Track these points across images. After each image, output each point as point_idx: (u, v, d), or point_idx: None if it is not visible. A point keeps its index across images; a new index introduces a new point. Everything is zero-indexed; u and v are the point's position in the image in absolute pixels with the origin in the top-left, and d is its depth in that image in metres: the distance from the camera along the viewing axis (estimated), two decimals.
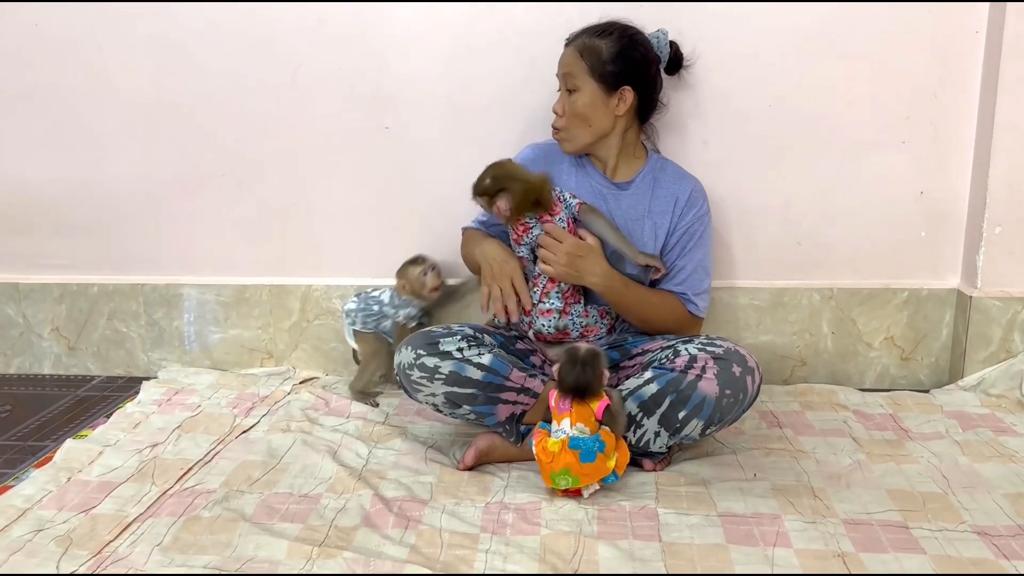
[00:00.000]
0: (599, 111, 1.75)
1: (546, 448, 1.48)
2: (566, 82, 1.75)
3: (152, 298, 2.22)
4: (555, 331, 1.72)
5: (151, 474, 1.62)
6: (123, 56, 2.08)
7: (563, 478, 1.48)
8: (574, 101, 1.74)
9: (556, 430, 1.50)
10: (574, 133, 1.76)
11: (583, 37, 1.76)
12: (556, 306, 1.71)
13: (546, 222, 1.70)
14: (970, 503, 1.48)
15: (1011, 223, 1.93)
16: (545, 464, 1.48)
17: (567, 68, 1.74)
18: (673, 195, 1.78)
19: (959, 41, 1.91)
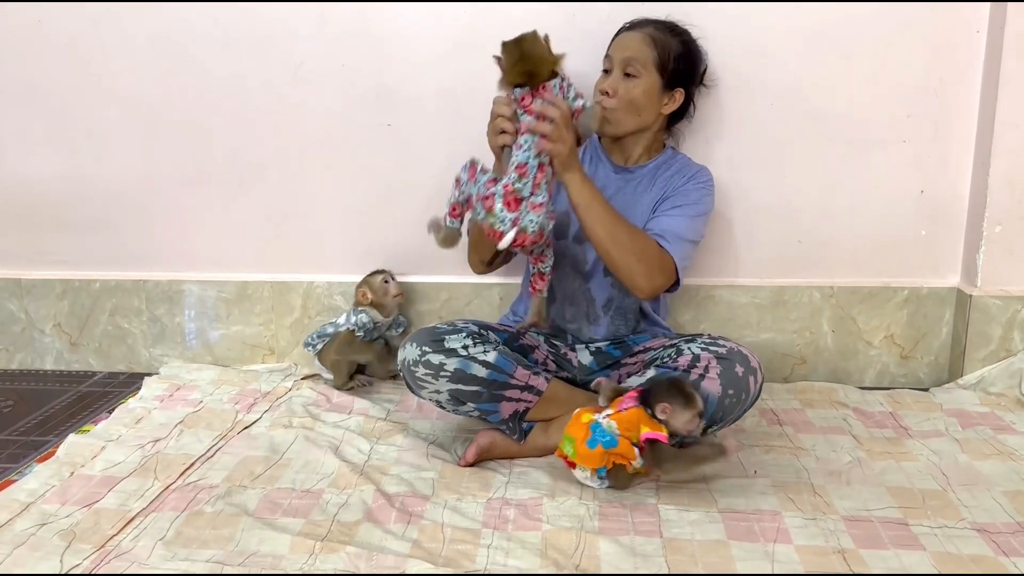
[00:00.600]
0: (652, 104, 1.75)
1: (579, 418, 1.51)
2: (627, 65, 1.70)
3: (154, 294, 2.22)
4: (539, 229, 1.53)
5: (153, 469, 1.63)
6: (125, 54, 2.09)
7: (568, 444, 1.51)
8: (632, 87, 1.71)
9: (602, 414, 1.49)
10: (621, 118, 1.73)
11: (651, 28, 1.74)
12: (546, 200, 1.54)
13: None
14: (970, 500, 1.48)
15: (1011, 222, 1.93)
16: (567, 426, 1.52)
17: (633, 52, 1.71)
18: (682, 172, 1.78)
19: (960, 40, 1.92)
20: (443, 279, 2.13)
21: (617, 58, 1.72)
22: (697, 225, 1.74)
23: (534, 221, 1.52)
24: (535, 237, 1.53)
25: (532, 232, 1.52)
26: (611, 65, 1.73)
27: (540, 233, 1.54)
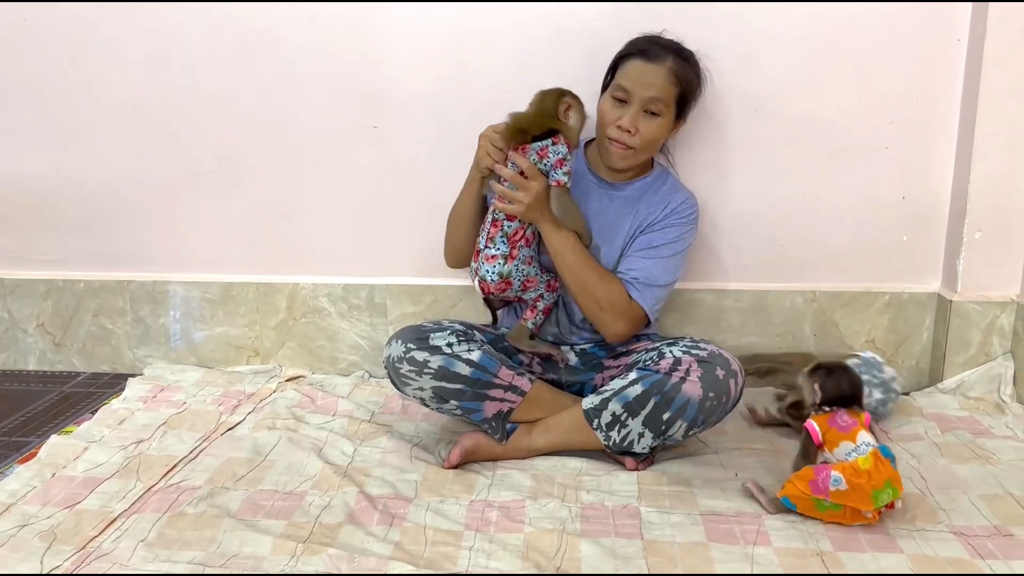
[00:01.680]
0: (664, 137, 1.77)
1: (857, 468, 1.36)
2: (648, 104, 1.68)
3: (139, 295, 2.22)
4: (499, 279, 1.67)
5: (136, 470, 1.63)
6: (112, 53, 2.08)
7: (886, 492, 1.37)
8: (653, 126, 1.69)
9: (857, 447, 1.39)
10: (642, 154, 1.73)
11: (671, 61, 1.69)
12: (502, 251, 1.67)
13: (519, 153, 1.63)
14: (947, 503, 1.50)
15: (991, 228, 1.95)
16: (863, 486, 1.35)
17: (658, 92, 1.67)
18: (665, 200, 1.78)
19: (942, 48, 1.94)
20: (429, 281, 2.14)
21: (638, 95, 1.67)
22: (673, 265, 1.76)
23: (490, 272, 1.67)
24: (497, 287, 1.69)
25: (492, 282, 1.68)
26: (627, 98, 1.68)
27: (505, 283, 1.68)
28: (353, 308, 2.17)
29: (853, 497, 1.37)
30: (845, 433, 1.42)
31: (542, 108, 1.64)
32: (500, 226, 1.67)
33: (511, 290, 1.70)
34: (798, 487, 1.41)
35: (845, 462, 1.39)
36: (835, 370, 1.48)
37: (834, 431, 1.43)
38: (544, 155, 1.62)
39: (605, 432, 1.61)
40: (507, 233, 1.67)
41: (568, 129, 1.65)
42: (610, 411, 1.59)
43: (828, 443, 1.43)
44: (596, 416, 1.62)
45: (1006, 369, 1.98)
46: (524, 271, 1.69)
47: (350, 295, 2.16)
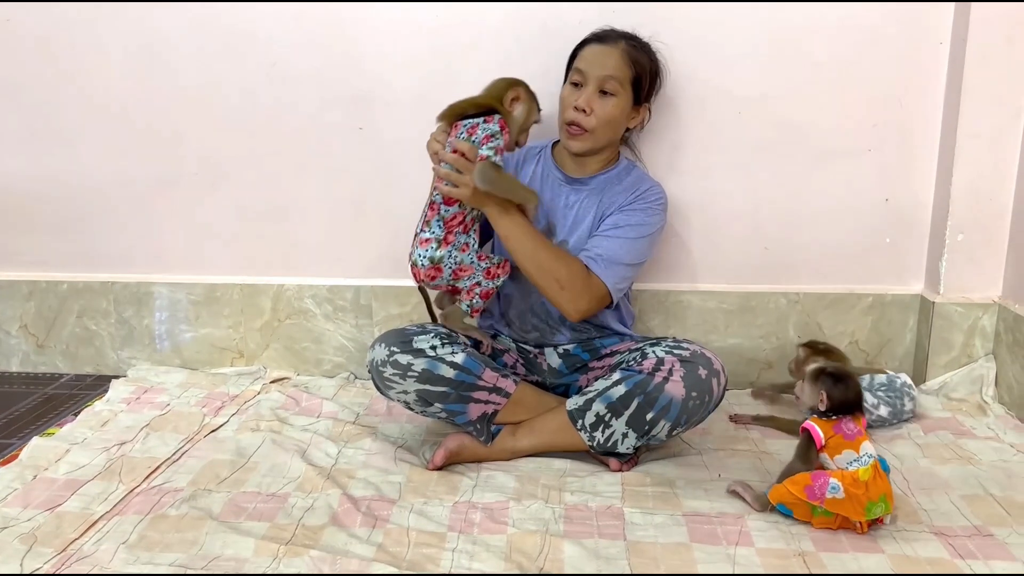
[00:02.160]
0: (623, 121, 1.77)
1: (857, 479, 1.36)
2: (604, 83, 1.70)
3: (122, 296, 2.21)
4: (429, 264, 1.63)
5: (118, 472, 1.62)
6: (97, 52, 2.08)
7: (879, 506, 1.37)
8: (608, 105, 1.71)
9: (859, 458, 1.39)
10: (599, 136, 1.73)
11: (625, 44, 1.73)
12: (436, 234, 1.63)
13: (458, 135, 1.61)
14: (929, 504, 1.51)
15: (973, 230, 1.96)
16: (860, 496, 1.35)
17: (611, 71, 1.70)
18: (631, 188, 1.77)
19: (924, 51, 1.95)
20: (413, 283, 2.13)
21: (593, 75, 1.71)
22: (638, 247, 1.72)
23: (422, 256, 1.63)
24: (427, 273, 1.65)
25: (422, 267, 1.64)
26: (583, 80, 1.72)
27: (434, 268, 1.64)
28: (338, 309, 2.16)
29: (847, 507, 1.37)
30: (850, 441, 1.41)
31: (489, 92, 1.65)
32: (437, 209, 1.63)
33: (441, 278, 1.65)
34: (792, 492, 1.41)
35: (845, 471, 1.39)
36: (842, 378, 1.45)
37: (839, 438, 1.41)
38: (473, 132, 1.59)
39: (589, 433, 1.61)
40: (444, 217, 1.63)
41: (508, 115, 1.64)
42: (594, 411, 1.60)
43: (830, 449, 1.42)
44: (580, 417, 1.62)
45: (988, 370, 1.99)
46: (457, 258, 1.64)
47: (335, 296, 2.16)
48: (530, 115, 1.68)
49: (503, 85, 1.66)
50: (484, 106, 1.62)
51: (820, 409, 1.45)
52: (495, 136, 1.60)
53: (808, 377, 1.49)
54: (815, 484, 1.39)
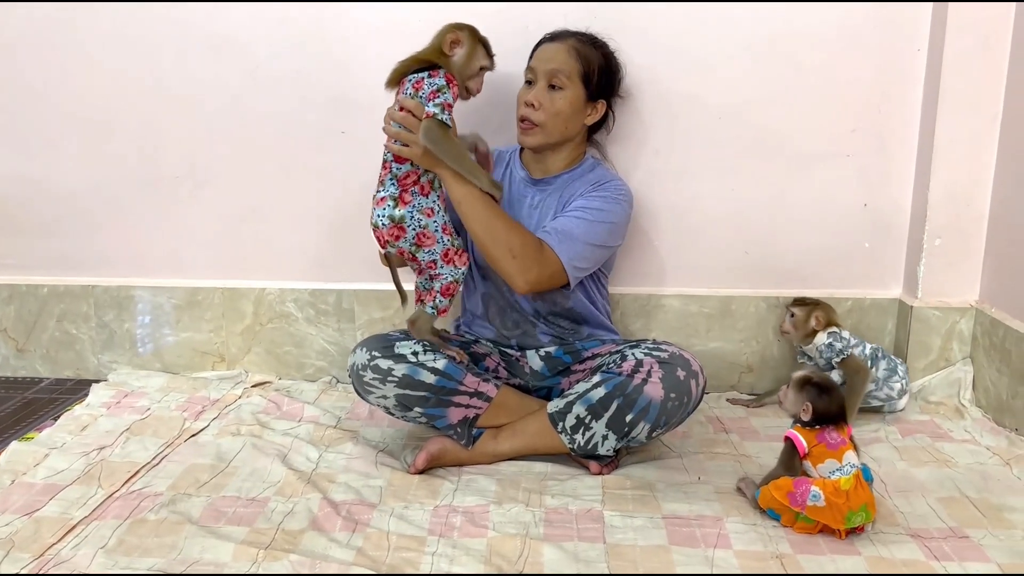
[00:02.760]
0: (577, 116, 1.77)
1: (838, 488, 1.37)
2: (552, 77, 1.73)
3: (103, 300, 2.20)
4: (389, 223, 1.59)
5: (98, 477, 1.61)
6: (78, 54, 2.07)
7: (860, 515, 1.38)
8: (557, 98, 1.74)
9: (841, 467, 1.40)
10: (550, 129, 1.75)
11: (574, 40, 1.76)
12: (391, 192, 1.60)
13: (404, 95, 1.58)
14: (905, 506, 1.52)
15: (950, 235, 1.98)
16: (840, 506, 1.36)
17: (558, 64, 1.73)
18: (593, 181, 1.78)
19: (902, 58, 1.97)
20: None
21: (541, 69, 1.74)
22: (596, 230, 1.70)
23: (381, 216, 1.60)
24: (390, 232, 1.60)
25: (383, 226, 1.60)
26: (534, 76, 1.75)
27: (396, 228, 1.59)
28: (321, 313, 2.16)
29: (827, 515, 1.38)
30: (833, 451, 1.41)
31: (431, 43, 1.62)
32: (390, 168, 1.60)
33: (405, 238, 1.60)
34: (776, 497, 1.43)
35: (827, 480, 1.40)
36: (827, 389, 1.45)
37: (822, 447, 1.42)
38: (419, 87, 1.56)
39: (570, 435, 1.62)
40: (396, 175, 1.60)
41: (450, 63, 1.61)
42: (574, 414, 1.60)
43: (814, 457, 1.43)
44: (561, 419, 1.63)
45: (965, 374, 2.01)
46: (420, 220, 1.60)
47: (318, 300, 2.16)
48: (473, 58, 1.64)
49: (443, 30, 1.62)
50: (425, 60, 1.59)
51: (803, 419, 1.46)
52: (441, 91, 1.55)
53: (793, 385, 1.49)
54: (797, 491, 1.40)
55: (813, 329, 1.94)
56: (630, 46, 1.87)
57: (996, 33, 1.88)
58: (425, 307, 1.67)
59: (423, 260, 1.64)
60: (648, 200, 2.02)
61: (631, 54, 1.88)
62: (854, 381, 1.88)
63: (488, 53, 1.67)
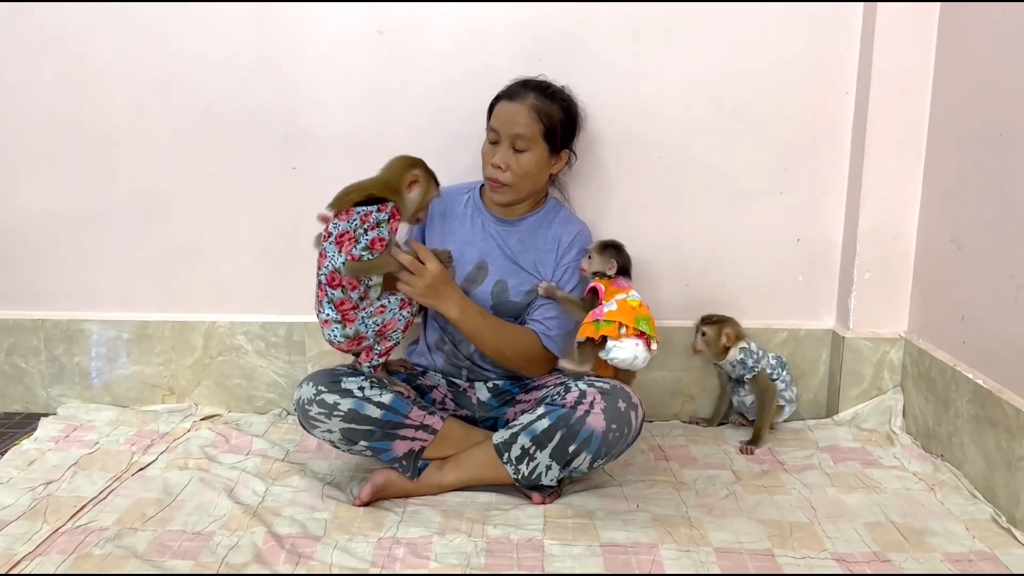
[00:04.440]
0: (544, 171, 1.84)
1: (627, 302, 1.70)
2: (515, 141, 1.78)
3: (53, 333, 2.20)
4: (346, 340, 1.65)
5: (43, 512, 1.62)
6: (29, 85, 2.09)
7: (645, 322, 1.68)
8: (523, 160, 1.79)
9: (628, 295, 1.72)
10: (520, 189, 1.81)
11: (532, 97, 1.80)
12: (333, 316, 1.64)
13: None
14: (833, 532, 1.59)
15: (879, 269, 2.07)
16: (629, 310, 1.68)
17: (520, 129, 1.77)
18: (557, 237, 1.86)
19: (831, 100, 2.07)
20: None
21: (504, 133, 1.79)
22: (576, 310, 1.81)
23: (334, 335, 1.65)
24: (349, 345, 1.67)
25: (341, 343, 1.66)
26: (498, 137, 1.80)
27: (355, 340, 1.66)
28: (271, 346, 2.19)
29: (621, 315, 1.68)
30: (622, 289, 1.74)
31: (386, 175, 1.68)
32: (325, 291, 1.63)
33: (368, 341, 1.67)
34: (586, 323, 1.71)
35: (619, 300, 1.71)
36: (621, 248, 1.80)
37: (614, 288, 1.74)
38: (366, 220, 1.61)
39: (515, 465, 1.66)
40: (332, 300, 1.63)
41: (403, 200, 1.67)
42: (519, 445, 1.65)
43: (607, 296, 1.73)
44: (506, 450, 1.66)
45: (896, 402, 2.09)
46: (376, 321, 1.66)
47: (268, 333, 2.18)
48: (427, 194, 1.72)
49: (401, 167, 1.68)
50: (375, 196, 1.63)
51: (608, 273, 1.76)
52: (380, 226, 1.62)
53: (595, 250, 1.80)
54: (598, 310, 1.71)
55: (724, 345, 2.03)
56: (577, 87, 1.92)
57: (918, 77, 1.98)
58: (363, 367, 1.70)
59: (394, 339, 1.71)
60: (595, 233, 2.07)
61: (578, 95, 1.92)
62: (763, 399, 2.01)
63: (437, 183, 1.74)
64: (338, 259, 1.60)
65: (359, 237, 1.60)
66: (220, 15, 2.04)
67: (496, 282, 1.83)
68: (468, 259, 1.85)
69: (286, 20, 2.04)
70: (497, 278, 1.84)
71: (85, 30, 2.05)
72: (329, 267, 1.61)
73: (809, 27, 2.03)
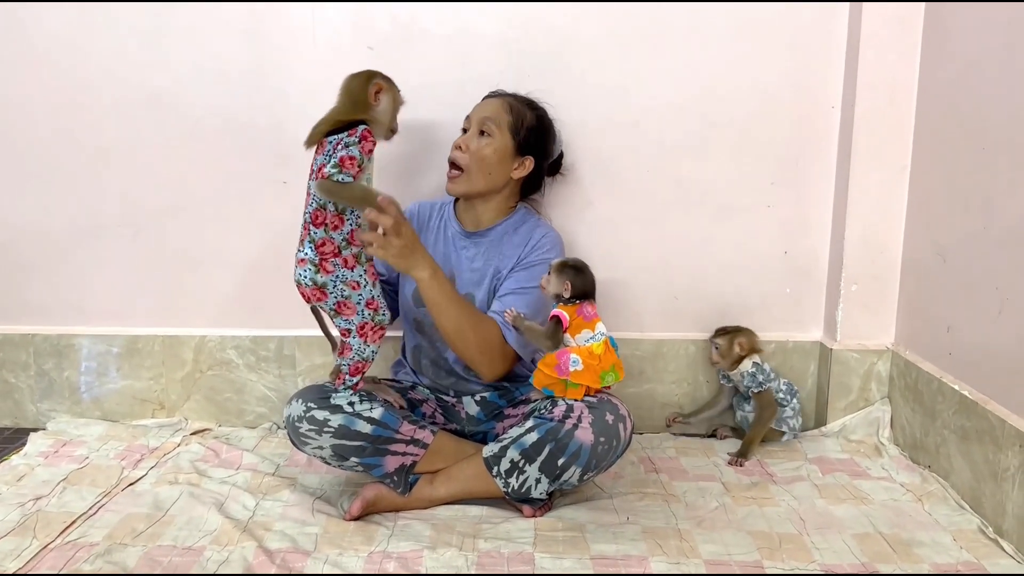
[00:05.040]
0: (503, 165, 1.84)
1: (592, 352, 1.64)
2: (482, 124, 1.82)
3: (43, 348, 2.20)
4: (312, 285, 1.60)
5: (33, 528, 1.62)
6: (20, 101, 2.10)
7: (611, 375, 1.66)
8: (484, 144, 1.82)
9: (593, 335, 1.66)
10: (473, 175, 1.83)
11: (511, 98, 1.87)
12: (310, 257, 1.60)
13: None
14: (822, 543, 1.60)
15: (865, 281, 2.09)
16: (594, 367, 1.63)
17: (489, 113, 1.83)
18: (527, 237, 1.86)
19: (817, 115, 2.09)
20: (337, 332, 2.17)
21: (475, 117, 1.85)
22: (541, 302, 1.78)
23: (303, 276, 1.61)
24: (313, 293, 1.62)
25: (307, 286, 1.61)
26: (469, 124, 1.86)
27: (318, 291, 1.61)
28: (261, 360, 2.19)
29: (586, 376, 1.64)
30: (588, 322, 1.66)
31: (350, 96, 1.63)
32: (309, 230, 1.60)
33: (326, 303, 1.63)
34: (547, 374, 1.65)
35: (582, 346, 1.65)
36: (582, 269, 1.69)
37: (580, 320, 1.66)
38: (339, 147, 1.57)
39: (504, 479, 1.66)
40: (314, 240, 1.60)
41: (376, 115, 1.64)
42: (508, 458, 1.65)
43: (573, 329, 1.66)
44: (496, 463, 1.67)
45: (884, 413, 2.11)
46: (343, 291, 1.62)
47: (258, 347, 2.19)
48: (396, 100, 1.69)
49: (361, 82, 1.64)
50: (343, 121, 1.60)
51: (564, 296, 1.68)
52: (349, 146, 1.56)
53: (553, 270, 1.70)
54: (560, 362, 1.64)
55: (739, 355, 2.04)
56: (563, 103, 1.95)
57: (902, 91, 2.01)
58: (339, 389, 1.69)
59: (340, 326, 1.67)
60: (583, 248, 2.09)
61: (564, 110, 1.96)
62: (763, 414, 2.03)
63: (398, 89, 1.71)
64: (320, 196, 1.57)
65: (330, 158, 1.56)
66: (210, 30, 2.05)
67: (465, 295, 1.84)
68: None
69: (276, 36, 2.05)
70: (465, 292, 1.85)
71: (75, 45, 2.06)
72: (313, 204, 1.59)
73: (795, 42, 2.05)
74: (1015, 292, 1.63)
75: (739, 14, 2.04)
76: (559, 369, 1.65)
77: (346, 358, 1.67)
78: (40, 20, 2.05)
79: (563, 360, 1.65)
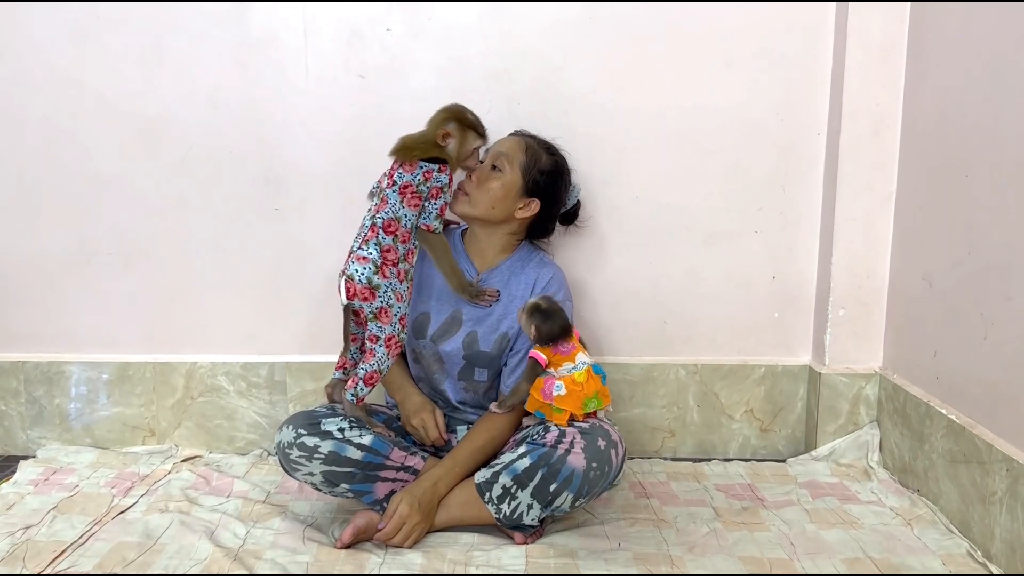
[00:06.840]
0: (508, 201, 1.85)
1: (575, 380, 1.68)
2: (495, 159, 1.84)
3: (33, 375, 2.19)
4: (367, 283, 1.65)
5: (22, 557, 1.61)
6: (11, 129, 2.11)
7: (594, 401, 1.70)
8: (493, 177, 1.83)
9: (575, 365, 1.70)
10: (477, 201, 1.84)
11: (531, 139, 1.89)
12: (374, 257, 1.67)
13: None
14: (812, 567, 1.60)
15: (852, 306, 2.11)
16: (577, 393, 1.68)
17: (504, 149, 1.86)
18: (532, 279, 1.88)
19: (803, 141, 2.12)
20: (329, 358, 2.15)
21: (492, 151, 1.87)
22: None
23: (360, 272, 1.66)
24: (362, 292, 1.66)
25: (359, 281, 1.65)
26: (485, 157, 1.87)
27: (369, 291, 1.66)
28: (252, 386, 2.19)
29: (570, 401, 1.68)
30: (566, 356, 1.71)
31: (428, 131, 1.73)
32: (377, 232, 1.68)
33: (370, 305, 1.67)
34: (536, 398, 1.70)
35: (566, 375, 1.70)
36: (551, 315, 1.71)
37: (559, 356, 1.71)
38: (429, 177, 1.69)
39: (496, 505, 1.67)
40: (381, 244, 1.68)
41: (446, 154, 1.72)
42: (500, 484, 1.65)
43: (554, 364, 1.71)
44: (488, 489, 1.67)
45: (873, 437, 2.12)
46: (389, 299, 1.68)
47: (249, 373, 2.19)
48: (465, 144, 1.75)
49: (437, 121, 1.73)
50: (430, 152, 1.70)
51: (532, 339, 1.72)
52: (444, 191, 1.72)
53: (525, 311, 1.72)
54: (545, 386, 1.70)
55: None
56: (552, 132, 1.97)
57: (887, 120, 2.04)
58: (346, 393, 1.70)
59: (371, 330, 1.70)
60: (574, 274, 2.11)
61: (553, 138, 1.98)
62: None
63: (479, 133, 1.77)
64: (400, 209, 1.68)
65: (421, 193, 1.69)
66: (203, 59, 2.07)
67: (467, 334, 1.85)
68: (443, 310, 1.87)
69: (269, 65, 2.07)
70: (468, 330, 1.85)
71: (68, 74, 2.07)
72: (390, 213, 1.68)
73: (781, 73, 2.09)
74: (999, 317, 1.66)
75: (727, 44, 2.07)
76: (543, 393, 1.70)
77: (367, 364, 1.69)
78: (34, 47, 2.07)
79: (548, 385, 1.70)
